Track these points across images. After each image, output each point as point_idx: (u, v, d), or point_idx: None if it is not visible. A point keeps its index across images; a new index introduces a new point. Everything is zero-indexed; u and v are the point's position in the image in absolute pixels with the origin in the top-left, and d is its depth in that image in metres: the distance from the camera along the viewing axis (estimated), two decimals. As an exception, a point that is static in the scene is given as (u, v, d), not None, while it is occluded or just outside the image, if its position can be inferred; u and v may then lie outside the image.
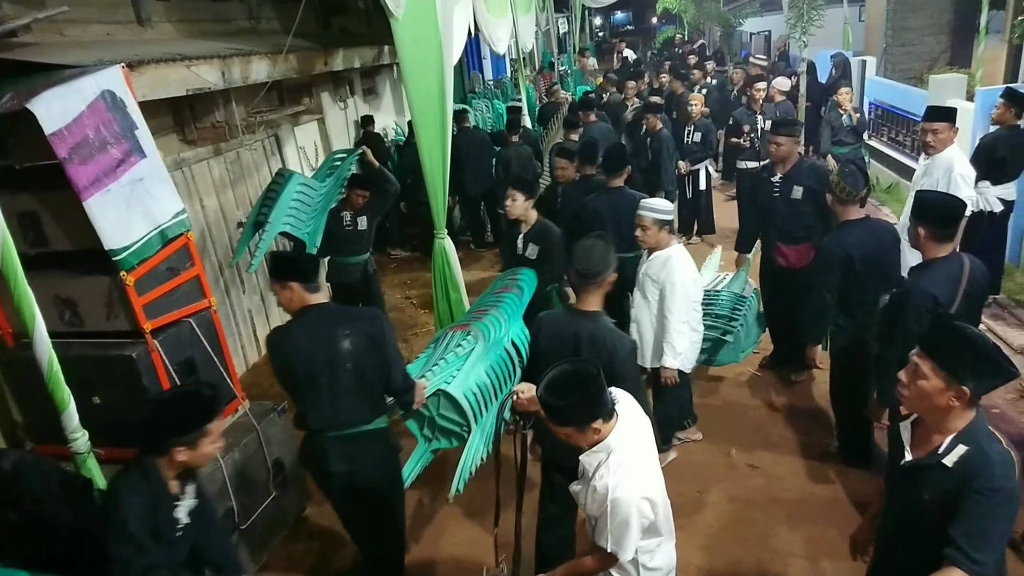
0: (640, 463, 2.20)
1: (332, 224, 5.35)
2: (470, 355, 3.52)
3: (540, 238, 4.48)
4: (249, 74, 5.31)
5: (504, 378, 3.58)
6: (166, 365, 3.93)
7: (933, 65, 11.67)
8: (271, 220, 4.91)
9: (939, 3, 11.86)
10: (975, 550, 1.79)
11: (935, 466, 1.96)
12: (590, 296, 2.97)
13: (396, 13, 4.29)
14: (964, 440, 1.93)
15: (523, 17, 10.83)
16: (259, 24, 6.63)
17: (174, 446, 2.38)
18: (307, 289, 3.10)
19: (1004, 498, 1.83)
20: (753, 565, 3.58)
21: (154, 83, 4.32)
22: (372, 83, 9.25)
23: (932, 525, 1.94)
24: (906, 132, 8.94)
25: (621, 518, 2.12)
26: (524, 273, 4.17)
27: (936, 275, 3.15)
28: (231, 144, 5.83)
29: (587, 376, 2.13)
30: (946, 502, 1.91)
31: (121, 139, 3.60)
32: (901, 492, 2.16)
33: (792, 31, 10.75)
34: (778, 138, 4.81)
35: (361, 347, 3.06)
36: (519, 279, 4.12)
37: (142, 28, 5.06)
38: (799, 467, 4.25)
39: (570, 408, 2.12)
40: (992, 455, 1.88)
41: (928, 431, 2.04)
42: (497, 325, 3.75)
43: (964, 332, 1.94)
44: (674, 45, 21.33)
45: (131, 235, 3.71)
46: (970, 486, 1.86)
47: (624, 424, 2.23)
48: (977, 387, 1.90)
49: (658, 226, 3.89)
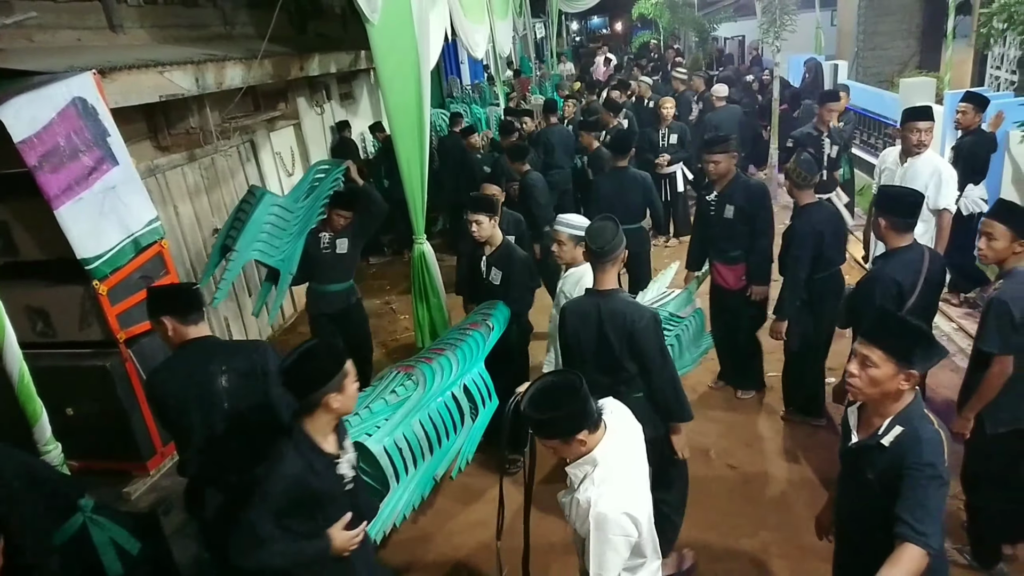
0: (626, 478, 2.16)
1: (310, 246, 4.76)
2: (402, 404, 3.34)
3: (504, 262, 4.18)
4: (223, 80, 5.26)
5: (446, 429, 3.43)
6: (140, 375, 3.88)
7: (903, 69, 11.89)
8: (238, 248, 4.47)
9: (908, 8, 12.09)
10: (918, 522, 1.92)
11: (875, 446, 2.14)
12: (606, 275, 3.04)
13: (372, 18, 4.29)
14: (900, 421, 2.11)
15: (500, 22, 10.87)
16: (234, 29, 6.58)
17: (325, 395, 2.31)
18: (183, 323, 2.80)
19: (934, 474, 1.98)
20: (738, 553, 3.62)
21: (126, 89, 4.27)
22: (349, 88, 9.21)
23: (876, 502, 2.11)
24: (878, 135, 9.08)
25: (602, 534, 2.07)
26: (498, 309, 4.04)
27: (899, 263, 3.37)
28: (206, 150, 5.78)
29: (570, 388, 2.11)
30: (886, 480, 2.07)
31: (93, 146, 3.57)
32: (849, 472, 2.34)
33: (765, 36, 10.89)
34: (713, 156, 4.63)
35: (239, 385, 2.75)
36: (491, 315, 3.99)
37: (114, 34, 5.00)
38: (775, 464, 4.32)
39: (553, 421, 2.10)
40: (923, 434, 2.05)
41: (870, 415, 2.22)
42: (446, 369, 3.58)
43: (906, 320, 2.17)
44: (650, 50, 21.53)
45: (104, 244, 3.67)
46: (904, 463, 2.02)
47: (613, 435, 2.20)
48: (922, 368, 2.09)
49: (573, 242, 3.72)
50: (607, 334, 3.01)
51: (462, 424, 3.53)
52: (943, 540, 2.00)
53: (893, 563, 1.88)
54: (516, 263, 4.13)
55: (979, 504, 3.26)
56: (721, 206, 4.65)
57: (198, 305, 2.88)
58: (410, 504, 3.31)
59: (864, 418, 2.25)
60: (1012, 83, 7.80)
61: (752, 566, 3.60)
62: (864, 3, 12.02)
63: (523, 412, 2.13)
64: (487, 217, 4.12)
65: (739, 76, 12.66)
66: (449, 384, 3.55)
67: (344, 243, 4.83)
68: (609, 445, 2.16)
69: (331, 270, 4.85)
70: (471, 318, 4.14)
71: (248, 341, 4.61)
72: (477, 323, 3.96)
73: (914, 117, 4.70)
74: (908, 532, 1.91)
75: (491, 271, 4.20)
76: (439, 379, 3.51)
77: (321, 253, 4.79)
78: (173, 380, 2.77)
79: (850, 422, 2.31)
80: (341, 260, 4.86)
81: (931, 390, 4.71)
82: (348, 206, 4.75)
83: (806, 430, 4.59)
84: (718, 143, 4.70)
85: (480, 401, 3.66)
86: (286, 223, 4.80)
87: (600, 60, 19.76)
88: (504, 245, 4.23)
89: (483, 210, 4.12)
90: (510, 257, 4.17)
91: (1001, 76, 8.28)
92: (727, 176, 4.64)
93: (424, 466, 3.35)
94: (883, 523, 2.01)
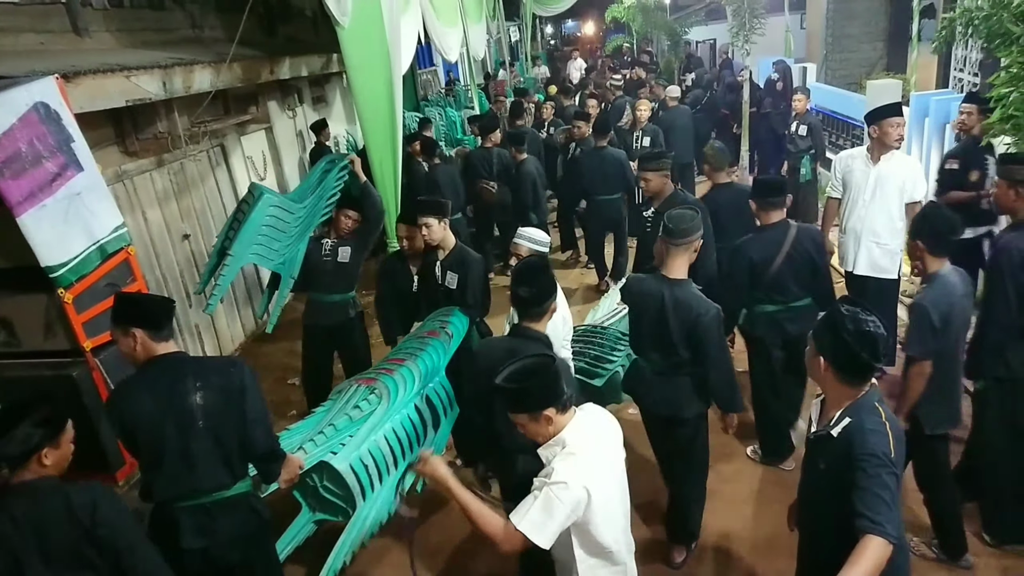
0: (592, 460, 2.18)
1: (311, 253, 4.50)
2: (367, 419, 3.24)
3: (459, 265, 4.02)
4: (192, 83, 5.20)
5: (411, 441, 3.35)
6: (108, 384, 3.82)
7: (871, 71, 12.09)
8: (233, 252, 4.22)
9: (875, 11, 12.30)
10: (874, 512, 1.94)
11: (826, 437, 2.20)
12: (676, 260, 3.14)
13: (342, 21, 4.27)
14: (850, 413, 2.16)
15: (474, 25, 10.88)
16: (203, 33, 6.50)
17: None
18: (154, 338, 2.60)
19: (879, 463, 2.01)
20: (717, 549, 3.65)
21: (92, 94, 4.20)
22: (322, 91, 9.15)
23: (826, 493, 2.17)
24: (846, 136, 9.22)
25: (550, 501, 2.05)
26: (455, 316, 3.92)
27: (759, 240, 3.85)
28: (175, 155, 5.70)
29: (543, 366, 2.21)
30: (835, 471, 2.13)
31: (56, 152, 3.50)
32: (808, 463, 2.42)
33: (735, 39, 11.02)
34: (646, 173, 4.54)
35: (215, 402, 2.60)
36: (448, 322, 3.87)
37: (79, 38, 4.92)
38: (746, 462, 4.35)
39: (523, 392, 2.16)
40: (867, 425, 2.09)
41: (828, 407, 2.29)
42: (408, 381, 3.48)
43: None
44: (623, 54, 21.68)
45: (69, 251, 3.61)
46: (852, 454, 2.06)
47: (583, 424, 2.25)
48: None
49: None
50: (668, 320, 3.13)
51: (425, 436, 3.46)
52: (902, 528, 2.02)
53: (854, 559, 1.89)
54: (471, 265, 3.99)
55: (935, 500, 3.34)
56: (656, 223, 4.43)
57: (170, 320, 2.73)
58: (377, 521, 3.24)
59: (823, 410, 2.32)
60: (974, 85, 7.96)
61: (726, 558, 3.63)
62: (832, 7, 12.21)
63: (497, 384, 2.18)
64: (436, 219, 3.93)
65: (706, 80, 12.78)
66: (412, 396, 3.47)
67: (346, 251, 4.53)
68: (578, 430, 2.22)
69: (331, 279, 4.55)
70: (428, 325, 3.98)
71: (222, 358, 4.50)
72: (435, 331, 3.83)
73: (891, 113, 4.55)
74: (866, 524, 1.93)
75: (446, 275, 4.03)
76: (402, 392, 3.42)
77: (322, 260, 4.51)
78: (143, 398, 2.58)
79: (812, 414, 2.37)
80: (343, 269, 4.55)
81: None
82: (355, 207, 4.52)
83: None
84: (651, 160, 4.62)
85: (442, 410, 3.60)
86: (286, 224, 4.55)
87: (573, 64, 19.88)
88: (458, 248, 4.07)
89: (432, 212, 3.94)
90: (464, 260, 4.01)
91: (964, 78, 8.45)
92: (662, 193, 4.57)
93: (390, 481, 3.27)
94: (837, 512, 2.04)
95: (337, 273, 4.54)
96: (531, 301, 2.76)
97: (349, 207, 4.51)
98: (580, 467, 2.12)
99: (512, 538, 2.06)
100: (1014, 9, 3.70)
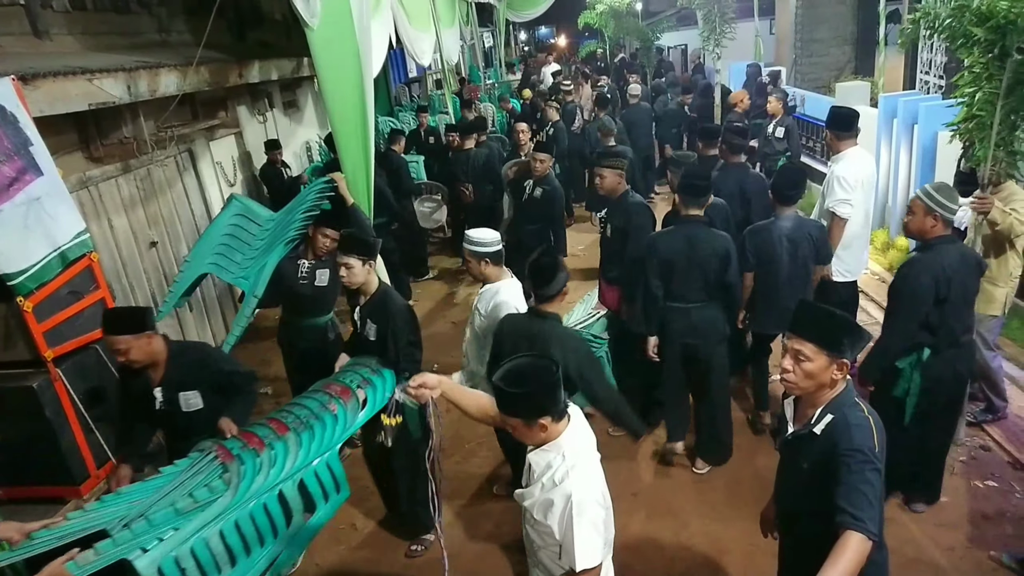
0: (594, 469, 2.19)
1: (285, 273, 4.12)
2: (200, 512, 2.59)
3: (379, 312, 3.49)
4: (157, 87, 5.10)
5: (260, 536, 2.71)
6: (71, 395, 3.71)
7: (840, 74, 12.29)
8: (189, 257, 4.01)
9: (843, 16, 12.52)
10: (856, 508, 1.92)
11: (807, 435, 2.17)
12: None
13: (311, 23, 4.20)
14: (831, 410, 2.14)
15: (447, 30, 10.83)
16: (170, 37, 6.40)
17: None
18: None
19: (864, 459, 1.99)
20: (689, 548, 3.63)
21: (52, 97, 4.09)
22: (293, 96, 9.06)
23: (812, 492, 2.13)
24: (816, 138, 9.34)
25: (583, 516, 2.04)
26: (379, 377, 3.40)
27: (671, 234, 4.01)
28: (141, 160, 5.58)
29: (544, 370, 2.12)
30: (820, 469, 2.10)
31: (13, 156, 3.40)
32: (786, 464, 2.39)
33: (706, 44, 11.13)
34: (602, 170, 4.45)
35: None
36: (370, 383, 3.35)
37: (39, 40, 4.80)
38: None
39: (522, 397, 2.09)
40: (851, 420, 2.08)
41: (805, 406, 2.25)
42: (279, 462, 2.85)
43: (831, 311, 2.18)
44: (596, 59, 21.80)
45: (28, 258, 3.51)
46: (836, 450, 2.05)
47: (578, 432, 2.22)
48: (852, 356, 2.13)
49: (477, 258, 3.54)
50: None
51: (286, 527, 2.81)
52: (882, 526, 2.01)
53: (835, 556, 1.87)
54: (396, 315, 3.45)
55: None
56: (606, 224, 4.58)
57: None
58: None
59: (799, 410, 2.29)
60: (940, 87, 8.11)
61: (704, 560, 3.62)
62: (801, 12, 12.41)
63: (494, 383, 2.12)
64: (360, 260, 3.42)
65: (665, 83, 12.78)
66: (277, 482, 2.80)
67: (325, 275, 4.17)
68: (575, 438, 2.18)
69: (308, 303, 4.24)
70: (345, 378, 3.41)
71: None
72: (349, 391, 3.28)
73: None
74: (847, 520, 1.91)
75: (366, 325, 3.55)
76: (262, 478, 2.77)
77: (298, 283, 4.15)
78: None
79: (787, 414, 2.35)
80: (320, 293, 4.21)
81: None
82: (335, 225, 4.09)
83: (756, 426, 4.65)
84: (608, 157, 4.54)
85: (322, 495, 2.94)
86: (251, 236, 4.23)
87: (548, 70, 19.93)
88: (381, 293, 3.53)
89: (356, 252, 3.43)
90: (386, 307, 3.48)
91: (930, 81, 8.61)
92: (615, 193, 4.50)
93: None
94: (821, 512, 2.02)
95: (314, 297, 4.21)
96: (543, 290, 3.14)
97: (328, 225, 4.12)
98: (592, 479, 2.13)
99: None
100: (975, 11, 3.76)
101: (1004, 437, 4.20)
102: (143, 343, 2.96)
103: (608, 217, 4.59)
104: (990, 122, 3.82)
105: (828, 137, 4.68)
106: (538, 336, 3.17)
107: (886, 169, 7.18)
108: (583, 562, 2.02)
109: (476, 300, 3.75)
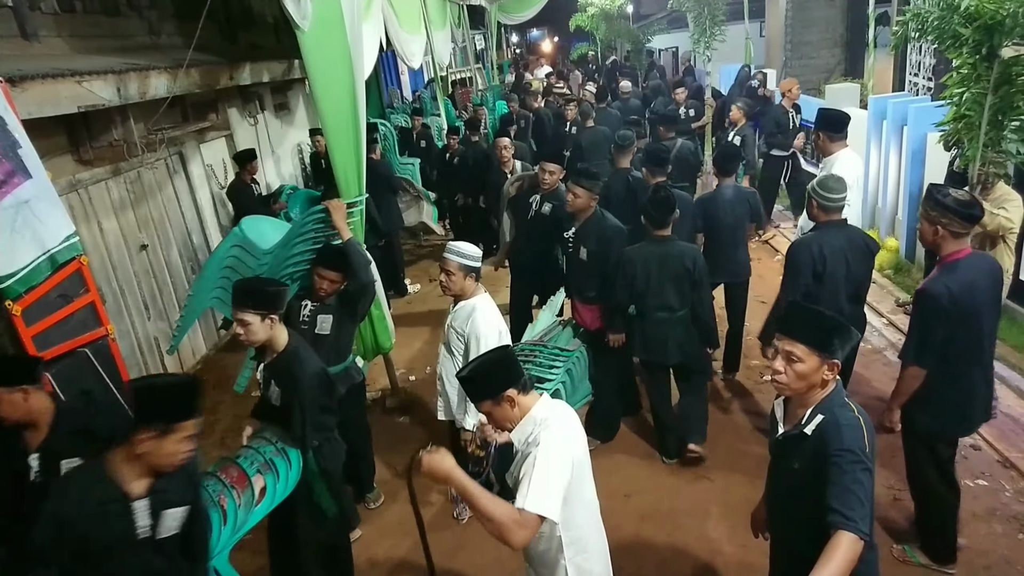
0: (570, 436, 2.23)
1: (291, 311, 3.69)
2: None
3: (284, 375, 3.07)
4: (147, 89, 5.07)
5: None
6: (60, 399, 3.67)
7: (829, 76, 12.36)
8: (193, 289, 3.76)
9: (832, 19, 12.61)
10: (847, 508, 1.93)
11: (798, 436, 2.18)
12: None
13: (302, 25, 4.19)
14: (821, 410, 2.15)
15: (438, 33, 10.82)
16: (160, 40, 6.36)
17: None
18: None
19: (855, 459, 2.00)
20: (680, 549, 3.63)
21: (41, 100, 4.06)
22: (284, 98, 9.03)
23: (803, 492, 2.13)
24: (806, 140, 9.38)
25: (551, 468, 2.08)
26: (282, 460, 2.99)
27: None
28: (131, 163, 5.55)
29: (499, 353, 2.33)
30: (811, 469, 2.10)
31: (2, 159, 3.37)
32: (777, 464, 2.40)
33: (696, 46, 11.18)
34: (576, 188, 4.33)
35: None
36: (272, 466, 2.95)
37: (27, 42, 4.76)
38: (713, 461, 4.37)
39: (481, 378, 2.22)
40: (841, 420, 2.09)
41: (795, 406, 2.26)
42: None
43: (821, 312, 2.21)
44: (587, 61, 21.85)
45: (17, 261, 3.47)
46: (827, 451, 2.05)
47: (553, 404, 2.29)
48: (842, 355, 2.14)
49: (463, 272, 3.49)
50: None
51: None
52: (872, 525, 2.01)
53: (827, 556, 1.87)
54: (302, 380, 3.01)
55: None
56: (577, 245, 4.48)
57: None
58: None
59: (789, 410, 2.30)
60: (928, 88, 8.18)
61: (696, 561, 3.62)
62: (791, 15, 12.48)
63: (458, 377, 2.28)
64: (258, 315, 2.99)
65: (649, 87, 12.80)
66: None
67: (327, 322, 3.73)
68: (548, 407, 2.26)
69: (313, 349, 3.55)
70: (245, 459, 2.98)
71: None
72: (245, 478, 2.84)
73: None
74: (838, 519, 1.92)
75: (270, 386, 3.17)
76: None
77: (299, 326, 3.73)
78: None
79: (777, 415, 2.36)
80: (322, 342, 3.70)
81: (865, 383, 4.86)
82: (335, 266, 3.71)
83: (750, 424, 4.66)
84: (585, 176, 4.38)
85: None
86: (248, 269, 4.05)
87: (540, 70, 20.01)
88: (289, 352, 3.08)
89: (251, 305, 2.99)
90: (291, 370, 3.04)
91: (919, 82, 8.68)
92: (585, 212, 4.41)
93: None
94: (813, 512, 2.02)
95: (316, 346, 3.55)
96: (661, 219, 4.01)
97: (325, 266, 3.70)
98: (561, 431, 2.18)
99: (526, 522, 2.02)
100: (963, 12, 3.80)
101: (994, 436, 4.23)
102: (16, 398, 2.54)
103: (578, 238, 4.48)
104: (978, 122, 3.86)
105: (819, 139, 4.72)
106: (667, 256, 4.04)
107: (876, 170, 7.23)
108: (530, 505, 2.03)
109: (450, 319, 3.67)
